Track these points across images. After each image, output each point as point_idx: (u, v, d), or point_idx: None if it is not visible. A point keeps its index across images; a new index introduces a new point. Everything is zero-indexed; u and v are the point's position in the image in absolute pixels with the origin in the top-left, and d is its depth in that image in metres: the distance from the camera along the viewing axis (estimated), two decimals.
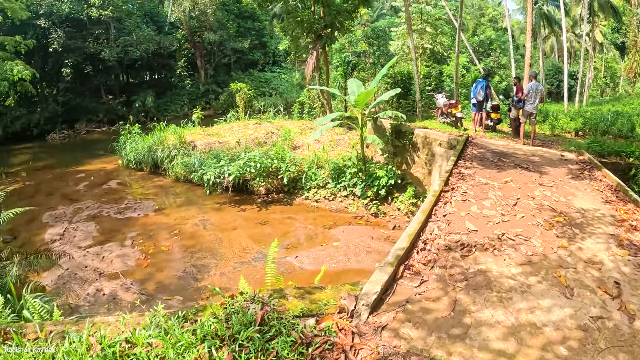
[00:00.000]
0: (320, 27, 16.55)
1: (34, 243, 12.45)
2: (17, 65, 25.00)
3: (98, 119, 35.82)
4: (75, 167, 21.95)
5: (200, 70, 39.95)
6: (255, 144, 17.08)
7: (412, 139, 12.82)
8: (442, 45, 25.73)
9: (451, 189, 7.61)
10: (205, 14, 36.78)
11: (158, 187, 17.21)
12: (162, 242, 11.65)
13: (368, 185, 12.55)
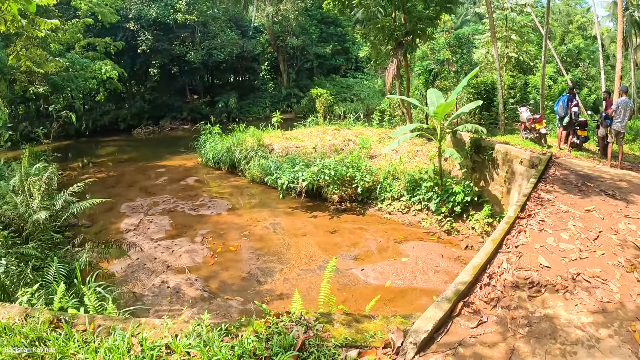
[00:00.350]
0: (401, 34, 16.26)
1: (110, 231, 13.27)
2: (105, 65, 26.82)
3: (182, 117, 37.58)
4: (156, 162, 23.11)
5: (282, 74, 40.64)
6: (332, 150, 17.04)
7: (492, 154, 12.28)
8: (527, 54, 24.53)
9: (527, 215, 7.11)
10: (287, 19, 37.38)
11: (234, 187, 17.59)
12: (231, 241, 11.88)
13: (443, 200, 12.17)
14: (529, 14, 25.64)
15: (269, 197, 15.70)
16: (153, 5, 34.69)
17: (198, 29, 36.48)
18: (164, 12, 34.47)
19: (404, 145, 15.68)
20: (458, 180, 12.61)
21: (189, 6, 34.41)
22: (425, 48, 29.14)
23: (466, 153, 13.06)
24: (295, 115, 34.67)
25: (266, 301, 8.62)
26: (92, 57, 29.53)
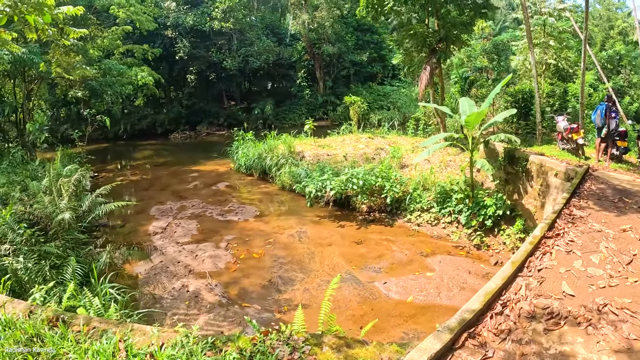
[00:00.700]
0: (434, 41, 15.84)
1: (138, 233, 13.48)
2: (142, 71, 27.48)
3: (219, 122, 38.06)
4: (190, 166, 23.36)
5: (319, 82, 40.54)
6: (363, 159, 16.75)
7: (526, 166, 11.73)
8: (567, 60, 23.58)
9: (555, 234, 6.58)
10: (323, 27, 37.24)
11: (263, 193, 17.49)
12: (255, 248, 11.74)
13: (474, 213, 11.68)
14: (568, 19, 24.76)
15: (297, 205, 15.50)
16: (190, 13, 35.49)
17: (235, 36, 36.92)
18: (201, 20, 35.18)
19: (436, 155, 15.26)
20: (490, 193, 12.11)
21: (225, 14, 34.92)
22: (462, 55, 28.49)
23: (499, 164, 12.56)
24: (331, 122, 34.47)
25: (283, 311, 8.51)
26: (130, 63, 30.43)
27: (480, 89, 24.36)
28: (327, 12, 37.09)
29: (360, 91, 39.21)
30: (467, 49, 25.81)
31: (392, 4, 15.69)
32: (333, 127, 25.51)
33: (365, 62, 41.68)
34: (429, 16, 16.21)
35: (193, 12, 35.77)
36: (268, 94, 41.44)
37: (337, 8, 38.06)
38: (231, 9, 35.14)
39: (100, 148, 31.84)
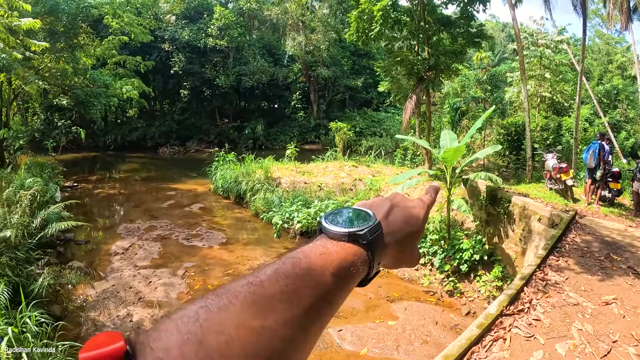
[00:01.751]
0: (422, 69, 15.10)
1: (100, 251, 13.08)
2: (126, 84, 27.22)
3: (209, 139, 37.62)
4: (169, 183, 22.83)
5: (313, 104, 40.07)
6: (340, 190, 15.84)
7: (509, 208, 10.75)
8: (562, 94, 23.00)
9: (518, 310, 5.34)
10: (319, 50, 36.87)
11: (235, 219, 16.60)
12: (213, 279, 10.94)
13: (449, 256, 10.65)
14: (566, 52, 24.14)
15: (267, 235, 14.48)
16: (186, 28, 35.43)
17: (231, 54, 36.49)
18: (197, 36, 35.21)
19: (417, 188, 14.30)
20: (470, 234, 11.11)
21: (221, 31, 34.78)
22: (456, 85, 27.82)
23: (481, 203, 11.58)
24: (322, 146, 33.70)
25: None
26: (122, 74, 30.15)
27: (472, 120, 23.57)
28: (323, 35, 36.77)
29: (354, 116, 38.85)
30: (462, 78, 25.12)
31: (379, 29, 14.97)
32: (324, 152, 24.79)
33: (361, 88, 41.17)
34: (419, 43, 15.53)
35: (189, 27, 35.50)
36: (261, 114, 40.85)
37: (334, 31, 37.60)
38: (227, 27, 34.98)
39: (88, 156, 32.43)
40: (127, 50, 32.57)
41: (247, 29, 40.10)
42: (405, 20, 15.52)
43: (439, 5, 15.63)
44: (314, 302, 0.59)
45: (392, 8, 14.85)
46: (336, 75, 39.01)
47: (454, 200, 10.60)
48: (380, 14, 14.64)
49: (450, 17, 15.84)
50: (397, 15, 15.24)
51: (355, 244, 0.70)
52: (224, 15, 35.46)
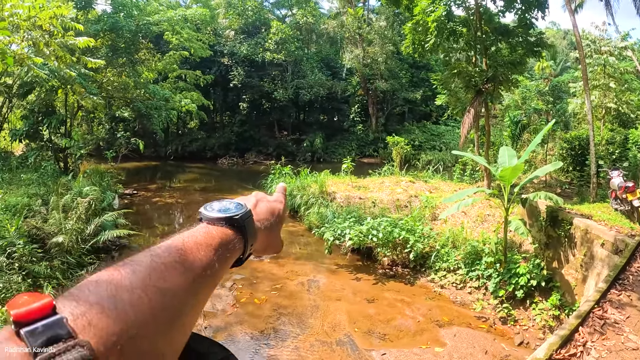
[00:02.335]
0: (480, 81, 14.59)
1: None
2: (185, 97, 28.24)
3: (267, 151, 38.04)
4: (226, 194, 22.76)
5: (371, 118, 39.81)
6: (394, 206, 15.49)
7: (569, 230, 10.10)
8: (629, 104, 21.56)
9: (570, 355, 4.84)
10: (376, 62, 36.58)
11: (288, 232, 16.49)
12: (260, 293, 10.89)
13: (504, 280, 10.14)
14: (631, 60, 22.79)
15: (318, 250, 14.34)
16: (244, 43, 36.16)
17: (289, 67, 36.87)
18: (254, 50, 35.79)
19: (475, 207, 13.79)
20: (528, 257, 10.53)
21: (278, 45, 35.14)
22: (517, 97, 26.83)
23: (540, 225, 10.98)
24: (380, 160, 33.37)
25: None
26: (182, 87, 31.24)
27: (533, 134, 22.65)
28: (380, 47, 36.61)
29: (413, 129, 38.42)
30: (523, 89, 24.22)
31: (434, 41, 14.61)
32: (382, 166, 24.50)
33: (420, 100, 40.63)
34: (476, 54, 15.05)
35: (248, 42, 36.22)
36: (320, 127, 41.00)
37: (392, 44, 37.24)
38: (284, 41, 35.46)
39: (150, 165, 33.63)
40: (188, 65, 33.87)
41: (304, 42, 40.76)
42: (461, 30, 15.10)
43: (496, 14, 15.03)
44: (201, 272, 0.72)
45: (447, 18, 14.42)
46: (394, 88, 38.67)
47: (511, 221, 10.04)
48: (435, 25, 14.24)
49: (508, 26, 15.24)
50: (452, 25, 14.83)
51: (231, 228, 0.85)
52: (281, 29, 35.98)
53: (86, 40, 9.79)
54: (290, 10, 45.83)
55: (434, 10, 14.19)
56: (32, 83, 19.75)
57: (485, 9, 14.99)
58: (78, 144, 20.31)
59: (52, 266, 9.46)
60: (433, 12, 14.20)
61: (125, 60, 23.18)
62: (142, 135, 32.81)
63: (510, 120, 20.44)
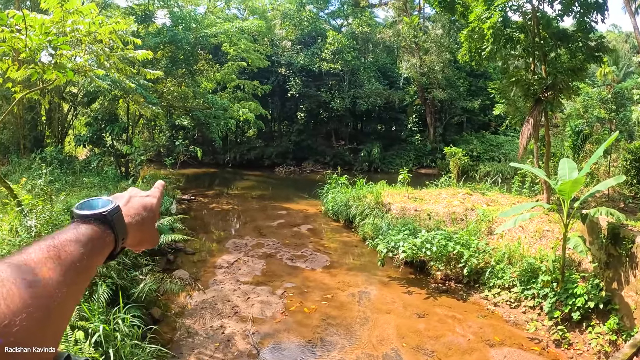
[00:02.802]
0: (539, 89, 14.18)
1: (207, 262, 13.98)
2: (243, 107, 29.05)
3: (325, 161, 38.30)
4: (282, 203, 23.54)
5: (429, 127, 39.32)
6: (450, 219, 15.27)
7: (631, 249, 9.60)
8: None
9: None
10: (433, 71, 36.20)
11: (342, 243, 16.64)
12: (310, 302, 10.94)
13: (561, 301, 9.81)
14: None
15: (371, 261, 14.26)
16: (301, 53, 36.88)
17: (346, 77, 37.05)
18: (311, 60, 36.26)
19: (533, 222, 13.40)
20: (586, 277, 10.15)
21: (335, 55, 35.48)
22: (578, 105, 25.82)
23: (601, 242, 10.55)
24: (438, 171, 32.89)
25: None
26: (240, 97, 32.13)
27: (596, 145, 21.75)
28: (437, 56, 36.15)
29: (472, 140, 37.77)
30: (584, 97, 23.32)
31: (491, 48, 14.33)
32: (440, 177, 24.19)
33: (478, 110, 39.87)
34: (535, 61, 14.65)
35: (304, 52, 36.73)
36: (377, 137, 40.82)
37: (449, 52, 36.78)
38: (341, 51, 35.71)
39: (208, 172, 34.91)
40: (246, 75, 34.79)
41: (360, 52, 40.88)
42: (519, 37, 14.74)
43: (554, 18, 14.52)
44: (70, 265, 0.77)
45: (503, 25, 14.12)
46: (452, 98, 38.05)
47: (570, 238, 9.71)
48: (491, 32, 13.98)
49: (567, 31, 14.69)
50: (509, 32, 14.50)
51: (100, 224, 0.90)
52: (337, 39, 36.25)
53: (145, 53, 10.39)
54: (346, 20, 46.23)
55: (489, 16, 13.95)
56: (96, 93, 21.12)
57: (542, 13, 14.58)
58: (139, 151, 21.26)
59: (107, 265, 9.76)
60: (488, 18, 13.96)
61: (185, 71, 24.13)
62: (201, 143, 34.12)
63: (572, 130, 19.74)
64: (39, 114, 24.62)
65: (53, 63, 8.30)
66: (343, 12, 45.73)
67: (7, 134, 24.01)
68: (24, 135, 23.60)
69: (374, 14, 46.66)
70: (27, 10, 7.36)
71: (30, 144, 23.65)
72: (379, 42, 42.90)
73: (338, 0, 45.12)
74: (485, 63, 16.66)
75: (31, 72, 7.85)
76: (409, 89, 40.23)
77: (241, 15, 43.52)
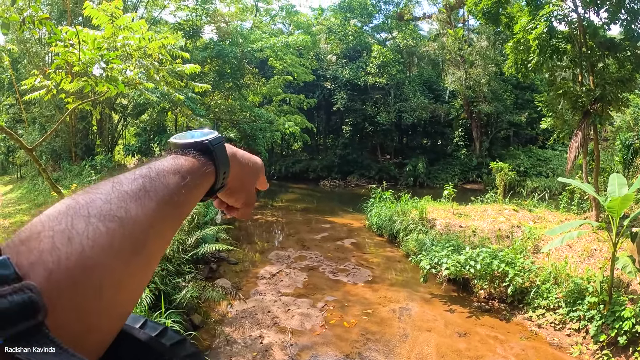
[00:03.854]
0: (587, 102, 13.81)
1: (249, 273, 14.20)
2: (289, 120, 29.45)
3: (370, 175, 38.21)
4: (326, 216, 23.65)
5: (475, 142, 38.71)
6: (495, 236, 15.00)
7: None
8: None
9: None
10: (479, 84, 35.67)
11: (385, 258, 16.57)
12: (350, 317, 10.94)
13: (607, 324, 9.52)
14: None
15: (414, 277, 14.17)
16: (346, 67, 37.01)
17: (391, 91, 37.03)
18: (356, 74, 36.39)
19: (581, 240, 13.04)
20: (635, 299, 9.81)
21: (380, 69, 35.62)
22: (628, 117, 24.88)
23: None
24: (484, 186, 32.37)
25: None
26: (286, 110, 32.64)
27: None
28: (482, 68, 35.59)
29: (519, 154, 36.90)
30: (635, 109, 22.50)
31: (537, 59, 14.07)
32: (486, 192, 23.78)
33: (525, 123, 38.86)
34: (582, 72, 14.29)
35: (349, 66, 36.87)
36: (422, 151, 40.57)
37: (494, 64, 36.18)
38: (385, 65, 35.77)
39: None
40: (292, 89, 35.62)
41: (405, 65, 40.94)
42: (565, 47, 14.35)
43: (601, 27, 14.04)
44: (167, 199, 0.69)
45: (548, 35, 13.83)
46: (498, 111, 37.29)
47: (618, 258, 9.43)
48: (537, 42, 13.73)
49: (614, 40, 14.17)
50: (555, 42, 14.15)
51: (201, 156, 0.83)
52: (382, 53, 36.35)
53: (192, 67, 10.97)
54: (390, 33, 46.28)
55: (534, 27, 13.73)
56: (145, 105, 22.26)
57: (588, 22, 14.21)
58: None
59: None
60: (534, 29, 13.74)
61: (232, 84, 24.80)
62: None
63: (622, 144, 19.11)
64: (90, 123, 26.06)
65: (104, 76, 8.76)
66: (387, 26, 45.81)
67: (59, 142, 25.33)
68: (76, 143, 24.96)
69: (418, 27, 46.60)
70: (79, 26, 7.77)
71: (81, 151, 25.00)
72: (423, 56, 42.76)
73: (382, 14, 45.47)
74: (531, 75, 16.32)
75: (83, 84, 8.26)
76: (455, 102, 39.77)
77: (286, 30, 44.33)
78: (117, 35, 9.26)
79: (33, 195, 22.77)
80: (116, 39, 9.32)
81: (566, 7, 14.27)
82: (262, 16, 42.05)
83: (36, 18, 6.15)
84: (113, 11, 8.91)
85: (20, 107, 27.61)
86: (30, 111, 26.93)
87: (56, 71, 8.97)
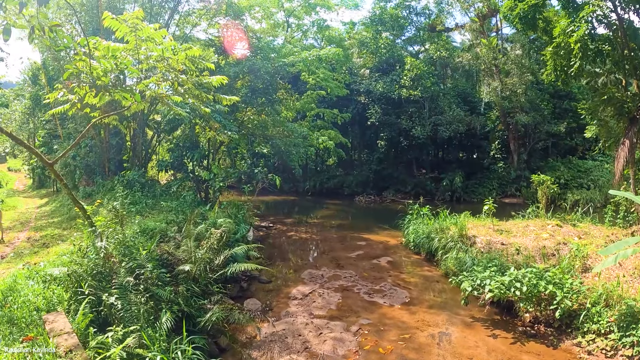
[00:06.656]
0: (634, 107, 13.16)
1: (280, 293, 13.75)
2: (322, 135, 29.57)
3: (406, 190, 37.67)
4: (361, 233, 23.29)
5: (513, 154, 37.79)
6: (539, 254, 14.25)
7: None
8: None
9: None
10: (515, 94, 34.84)
11: (423, 277, 16.02)
12: (386, 342, 10.46)
13: None
14: None
15: (453, 299, 13.61)
16: (380, 81, 36.73)
17: (426, 104, 36.57)
18: (390, 88, 36.07)
19: (634, 256, 12.26)
20: None
21: (414, 82, 35.24)
22: None
23: None
24: (523, 200, 31.58)
25: None
26: (320, 125, 32.61)
27: None
28: (518, 78, 34.78)
29: (558, 166, 35.87)
30: None
31: (579, 64, 13.47)
32: (525, 206, 22.93)
33: (564, 133, 37.76)
34: (625, 76, 13.64)
35: (383, 79, 36.64)
36: (459, 165, 39.87)
37: (530, 73, 35.32)
38: (419, 77, 35.39)
39: (288, 200, 35.45)
40: (325, 104, 35.54)
41: (439, 77, 40.72)
42: (607, 50, 13.70)
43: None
44: None
45: (589, 38, 13.26)
46: (536, 121, 36.26)
47: None
48: (579, 46, 13.15)
49: None
50: (597, 45, 13.53)
51: None
52: (416, 65, 36.03)
53: (219, 78, 10.82)
54: (423, 45, 46.03)
55: (575, 29, 13.17)
56: (177, 120, 22.47)
57: (628, 23, 13.58)
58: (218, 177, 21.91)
59: (176, 291, 9.87)
60: (575, 31, 13.17)
61: (264, 100, 24.69)
62: (281, 170, 34.85)
63: None
64: (124, 139, 26.63)
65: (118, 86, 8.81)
66: (419, 38, 45.49)
67: (92, 157, 25.98)
68: (109, 158, 25.54)
69: (451, 37, 46.23)
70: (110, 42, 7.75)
71: (115, 167, 25.56)
72: (457, 67, 42.23)
73: (414, 26, 44.98)
74: (571, 82, 15.72)
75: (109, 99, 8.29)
76: (491, 114, 39.12)
77: (318, 45, 44.51)
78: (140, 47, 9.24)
79: (66, 209, 23.33)
80: (139, 50, 9.33)
81: (606, 7, 13.68)
82: (294, 32, 42.27)
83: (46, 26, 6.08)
84: (134, 22, 8.86)
85: (56, 123, 28.62)
86: (65, 127, 27.98)
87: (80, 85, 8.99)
